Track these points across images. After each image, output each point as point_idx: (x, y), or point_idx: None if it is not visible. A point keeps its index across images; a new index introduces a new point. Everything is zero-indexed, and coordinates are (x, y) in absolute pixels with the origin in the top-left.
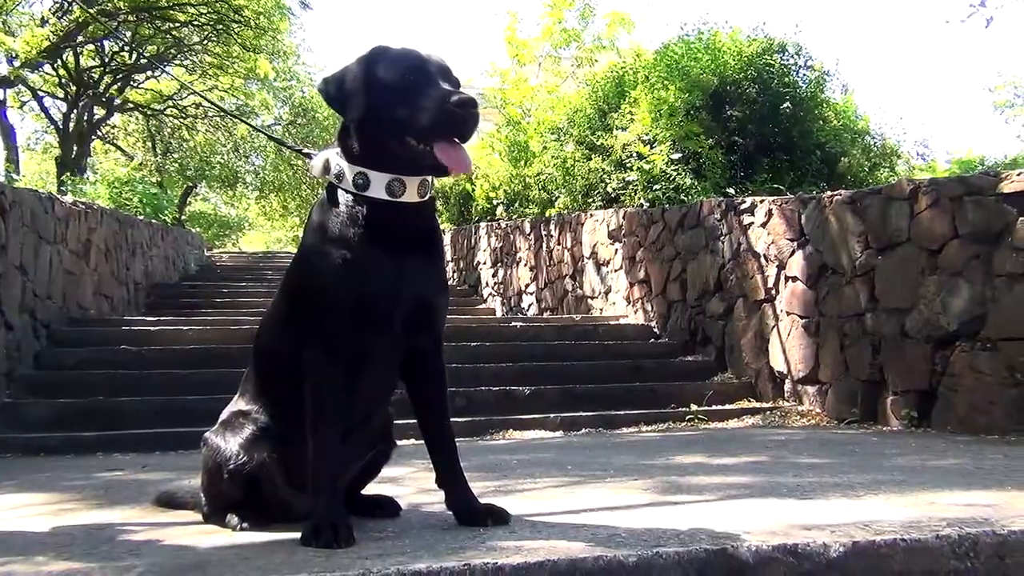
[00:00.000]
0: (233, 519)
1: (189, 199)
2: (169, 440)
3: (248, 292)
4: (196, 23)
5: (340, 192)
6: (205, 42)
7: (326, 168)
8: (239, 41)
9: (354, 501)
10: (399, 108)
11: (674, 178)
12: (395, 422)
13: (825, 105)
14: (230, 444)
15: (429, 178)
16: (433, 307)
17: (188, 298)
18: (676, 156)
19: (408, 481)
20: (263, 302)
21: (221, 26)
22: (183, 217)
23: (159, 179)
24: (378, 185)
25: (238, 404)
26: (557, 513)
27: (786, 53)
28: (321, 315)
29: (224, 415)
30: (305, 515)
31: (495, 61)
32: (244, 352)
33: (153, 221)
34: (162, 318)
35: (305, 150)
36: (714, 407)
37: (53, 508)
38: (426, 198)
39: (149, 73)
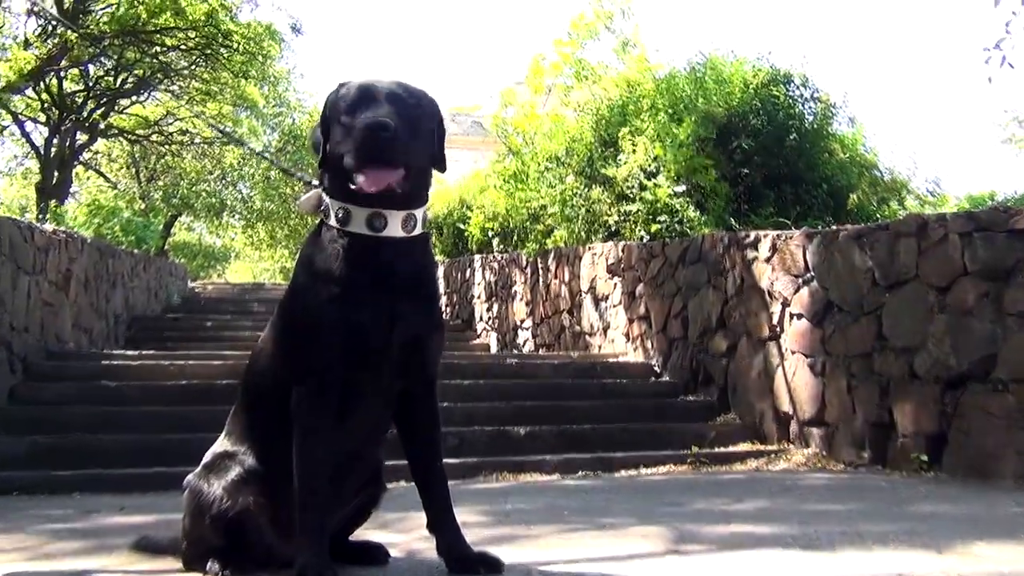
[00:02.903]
0: (215, 566)
1: (173, 228)
2: (149, 480)
3: (233, 326)
4: (184, 48)
5: (326, 227)
6: (193, 67)
7: (318, 204)
8: (228, 67)
9: (342, 548)
10: (341, 142)
11: (678, 211)
12: (385, 463)
13: (832, 138)
14: (213, 487)
15: (417, 213)
16: (425, 346)
17: (170, 331)
18: (680, 189)
19: (398, 526)
20: (249, 336)
21: (209, 51)
22: (166, 247)
23: (142, 207)
24: (359, 219)
25: (223, 445)
26: (554, 563)
27: (792, 84)
28: (308, 351)
29: (208, 457)
30: (290, 562)
31: (506, 87)
32: (228, 389)
33: (135, 251)
34: (143, 352)
35: (306, 177)
36: (716, 449)
37: (26, 553)
38: (414, 233)
39: (135, 98)
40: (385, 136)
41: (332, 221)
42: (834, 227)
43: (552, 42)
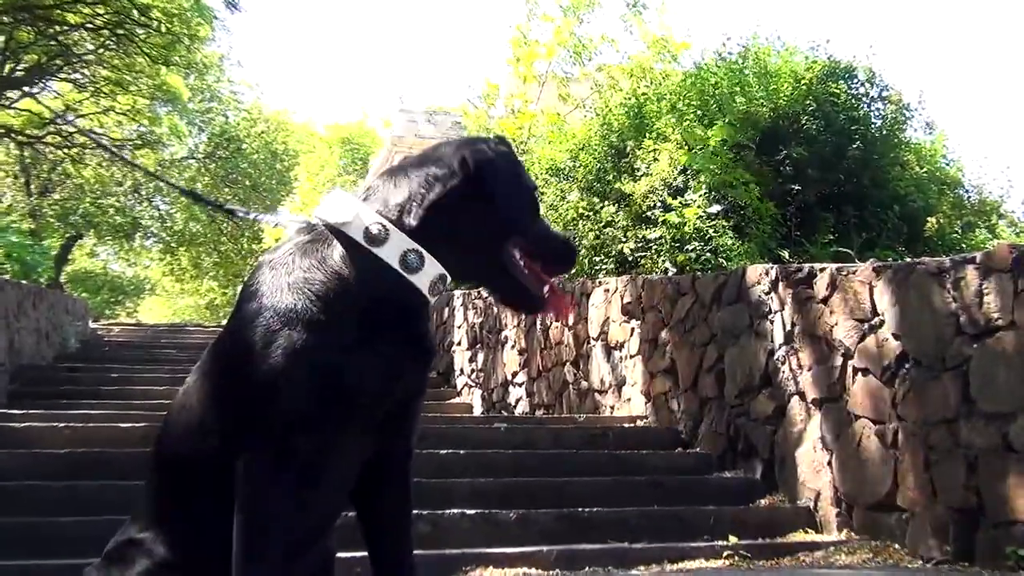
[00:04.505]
0: None
1: (72, 253)
2: None
3: (145, 378)
4: (90, 26)
5: (368, 258)
6: (101, 51)
7: (347, 216)
8: (145, 50)
9: None
10: (526, 218)
11: (711, 236)
12: (337, 555)
13: (905, 147)
14: None
15: None
16: (413, 410)
17: (65, 385)
18: (715, 209)
19: None
20: (166, 392)
21: (122, 31)
22: (62, 277)
23: (33, 226)
24: (427, 277)
25: (129, 531)
26: None
27: (855, 80)
28: (289, 409)
29: (111, 545)
30: None
31: (489, 81)
32: (138, 459)
33: (23, 282)
34: (30, 412)
35: (240, 211)
36: (761, 540)
37: None
38: None
39: (26, 89)
40: None
41: (389, 257)
42: (908, 259)
43: (540, 17)
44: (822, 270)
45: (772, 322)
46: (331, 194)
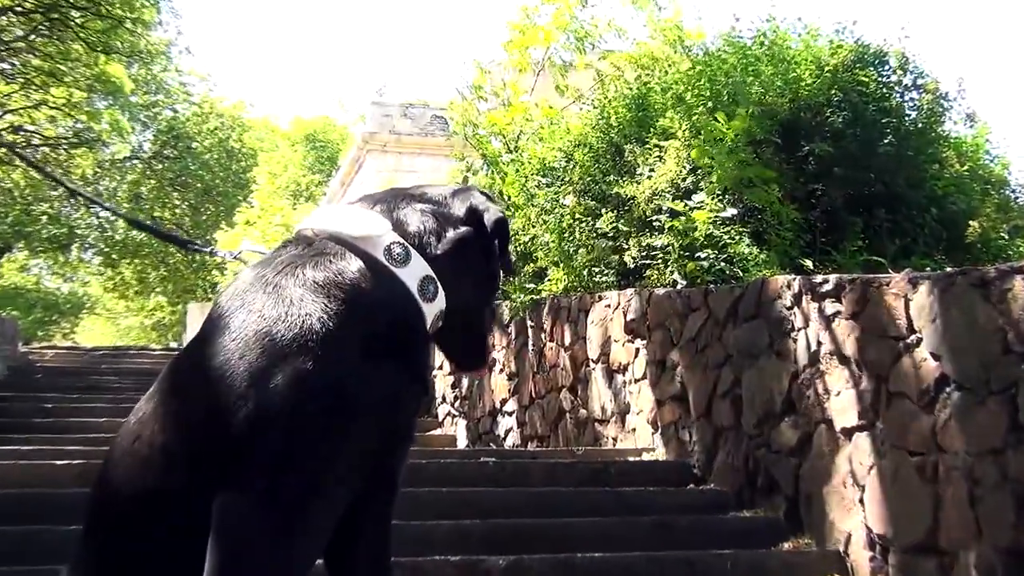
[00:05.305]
0: None
1: (0, 267)
2: None
3: (83, 409)
4: (20, 9)
5: (389, 277)
6: (32, 37)
7: (367, 231)
8: (81, 36)
9: None
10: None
11: (726, 244)
12: None
13: (943, 142)
14: None
15: None
16: (406, 439)
17: None
18: (729, 213)
19: None
20: (107, 424)
21: (56, 15)
22: None
23: None
24: (438, 306)
25: None
26: None
27: (886, 67)
28: (293, 427)
29: None
30: None
31: (477, 68)
32: (75, 501)
33: None
34: None
35: (206, 247)
36: None
37: None
38: None
39: None
40: None
41: (410, 280)
42: (948, 269)
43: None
44: (851, 282)
45: (795, 341)
46: (334, 207)
